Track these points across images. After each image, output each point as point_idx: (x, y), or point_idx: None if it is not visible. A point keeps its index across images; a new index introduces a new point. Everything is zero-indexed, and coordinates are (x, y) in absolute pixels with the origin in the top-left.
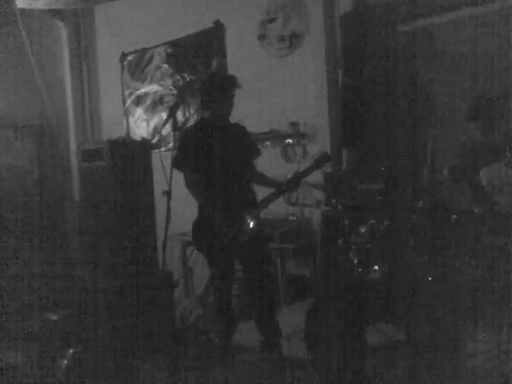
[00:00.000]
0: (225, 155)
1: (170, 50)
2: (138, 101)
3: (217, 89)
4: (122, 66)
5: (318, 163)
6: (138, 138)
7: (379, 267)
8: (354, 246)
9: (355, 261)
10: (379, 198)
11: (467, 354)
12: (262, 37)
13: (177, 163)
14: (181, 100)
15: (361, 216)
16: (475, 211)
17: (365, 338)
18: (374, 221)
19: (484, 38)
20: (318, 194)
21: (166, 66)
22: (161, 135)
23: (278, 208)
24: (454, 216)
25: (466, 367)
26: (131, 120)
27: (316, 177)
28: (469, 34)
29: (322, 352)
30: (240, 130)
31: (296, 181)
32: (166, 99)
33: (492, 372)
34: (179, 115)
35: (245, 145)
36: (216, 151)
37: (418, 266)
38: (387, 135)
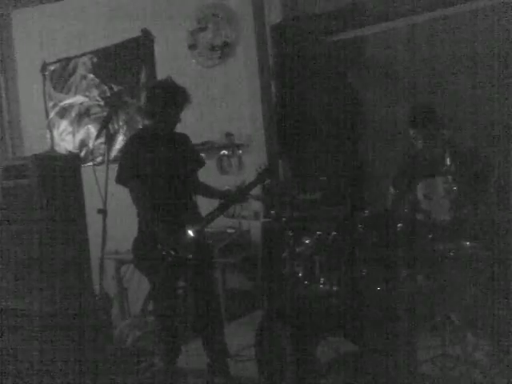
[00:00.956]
0: (168, 166)
1: (95, 60)
2: (63, 113)
3: (167, 98)
4: (44, 77)
5: (262, 177)
6: (64, 152)
7: (326, 279)
8: (298, 259)
9: (300, 273)
10: (321, 208)
11: (417, 361)
12: (192, 46)
13: (121, 178)
14: (113, 111)
15: (305, 227)
16: (418, 219)
17: (316, 354)
18: (320, 232)
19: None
20: (256, 206)
21: (91, 75)
22: (88, 148)
23: (216, 221)
24: (400, 225)
25: (417, 374)
26: (55, 133)
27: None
28: (403, 44)
29: (274, 370)
30: (183, 139)
31: (242, 195)
32: (92, 111)
33: (440, 377)
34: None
35: (188, 155)
36: (159, 162)
37: (365, 276)
38: (324, 145)
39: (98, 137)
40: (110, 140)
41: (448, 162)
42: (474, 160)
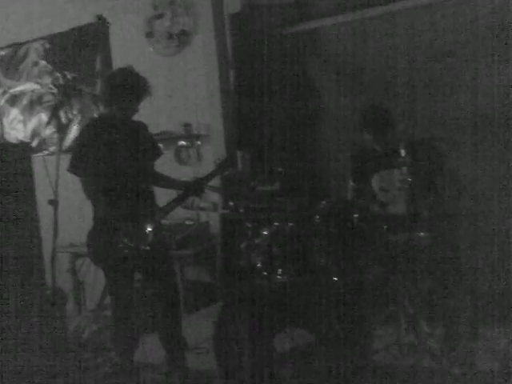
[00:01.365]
0: (123, 155)
1: (48, 46)
2: (13, 100)
3: (127, 87)
4: None
5: (221, 168)
6: (14, 141)
7: (283, 270)
8: (256, 250)
9: (258, 264)
10: (279, 199)
11: (372, 350)
12: (149, 34)
13: (73, 167)
14: (64, 99)
15: (263, 218)
16: (374, 210)
17: (273, 344)
18: (278, 223)
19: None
20: (214, 197)
21: (44, 62)
22: (41, 138)
23: (174, 212)
24: (356, 215)
25: (371, 363)
26: (5, 121)
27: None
28: (357, 37)
29: (232, 362)
30: (141, 128)
31: (201, 186)
32: (45, 99)
33: (394, 366)
34: (61, 116)
35: (146, 144)
36: (115, 151)
37: (322, 266)
38: (282, 136)
39: (47, 124)
40: (62, 129)
41: (402, 153)
42: (428, 152)
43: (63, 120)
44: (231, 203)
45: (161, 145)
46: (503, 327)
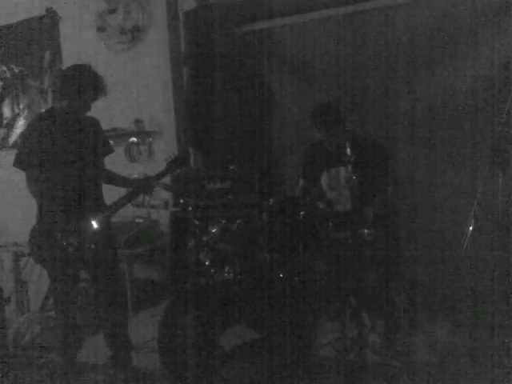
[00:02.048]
0: (72, 150)
1: None
2: None
3: (85, 83)
4: None
5: (172, 167)
6: None
7: (231, 267)
8: (205, 247)
9: (206, 262)
10: (229, 197)
11: (318, 345)
12: (101, 28)
13: (19, 161)
14: (6, 92)
15: (211, 216)
16: (321, 207)
17: (219, 342)
18: (225, 221)
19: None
20: (166, 195)
21: None
22: None
23: (124, 210)
24: (302, 212)
25: (316, 358)
26: None
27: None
28: (312, 38)
29: (177, 360)
30: (93, 123)
31: (150, 184)
32: None
33: (338, 360)
34: (6, 111)
35: (96, 140)
36: (64, 145)
37: (269, 263)
38: (235, 134)
39: None
40: (6, 124)
41: (348, 152)
42: (373, 151)
43: (9, 115)
44: (181, 201)
45: (111, 141)
46: (442, 321)
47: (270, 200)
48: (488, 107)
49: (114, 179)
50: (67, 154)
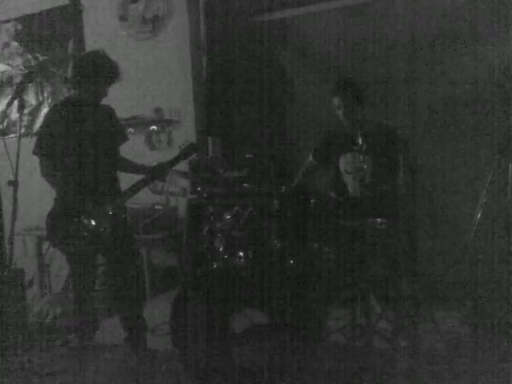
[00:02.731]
0: (88, 138)
1: (20, 27)
2: None
3: (96, 70)
4: None
5: (185, 153)
6: None
7: (243, 253)
8: (219, 234)
9: (221, 248)
10: (244, 185)
11: (327, 331)
12: (122, 18)
13: (38, 148)
14: (28, 80)
15: (225, 203)
16: (331, 196)
17: (229, 325)
18: (237, 207)
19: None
20: (184, 183)
21: (15, 43)
22: (10, 120)
23: (144, 197)
24: (312, 200)
25: (327, 344)
26: None
27: (181, 165)
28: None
29: (187, 342)
30: (108, 112)
31: (162, 171)
32: (15, 80)
33: (348, 347)
34: (31, 98)
35: (111, 128)
36: (79, 133)
37: (279, 250)
38: (253, 123)
39: (8, 106)
40: (31, 112)
41: (360, 140)
42: (389, 138)
43: (34, 102)
44: (198, 188)
45: (132, 129)
46: (453, 311)
47: (282, 187)
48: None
49: (128, 166)
50: (83, 142)
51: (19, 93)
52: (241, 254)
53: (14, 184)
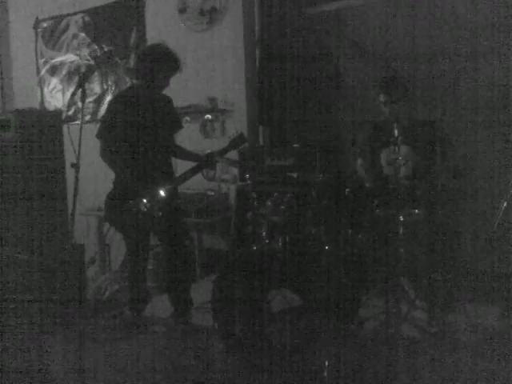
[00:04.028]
0: (147, 125)
1: (87, 19)
2: (54, 70)
3: (159, 62)
4: (36, 33)
5: (234, 144)
6: (53, 109)
7: (282, 238)
8: (262, 219)
9: (263, 233)
10: (290, 174)
11: (361, 318)
12: (182, 10)
13: (100, 133)
14: (91, 70)
15: (268, 190)
16: (366, 185)
17: (265, 304)
18: (276, 194)
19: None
20: (235, 170)
21: (83, 34)
22: (77, 107)
23: (197, 183)
24: (347, 190)
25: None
26: (46, 90)
27: (231, 153)
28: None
29: (226, 319)
30: (165, 100)
31: (213, 161)
32: (82, 69)
33: (380, 334)
34: (96, 87)
35: (168, 117)
36: (139, 120)
37: (316, 236)
38: (302, 113)
39: (73, 95)
40: (96, 100)
41: (396, 133)
42: (431, 132)
43: (98, 90)
44: (247, 176)
45: (188, 118)
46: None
47: (320, 176)
48: None
49: (182, 154)
50: (141, 129)
51: (82, 83)
52: (278, 238)
53: (76, 166)
